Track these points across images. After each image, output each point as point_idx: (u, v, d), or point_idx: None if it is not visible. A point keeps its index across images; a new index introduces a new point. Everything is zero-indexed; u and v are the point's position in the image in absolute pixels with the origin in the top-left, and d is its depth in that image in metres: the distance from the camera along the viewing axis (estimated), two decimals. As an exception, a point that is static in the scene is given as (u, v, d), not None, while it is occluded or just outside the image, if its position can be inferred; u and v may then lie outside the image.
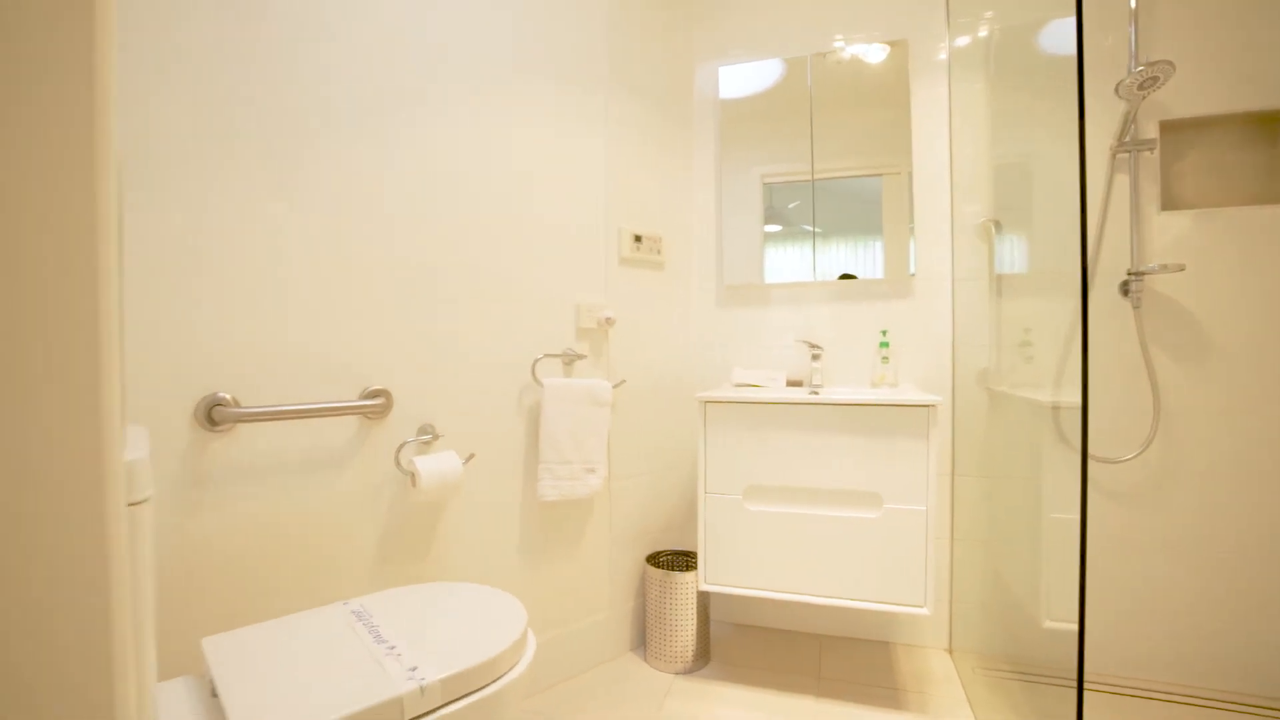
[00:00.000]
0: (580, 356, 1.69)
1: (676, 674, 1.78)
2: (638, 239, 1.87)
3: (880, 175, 1.94)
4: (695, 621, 1.79)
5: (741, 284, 2.06)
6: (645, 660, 1.85)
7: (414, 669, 0.86)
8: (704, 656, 1.84)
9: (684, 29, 2.08)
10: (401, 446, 1.34)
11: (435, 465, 1.31)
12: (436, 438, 1.39)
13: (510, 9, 1.56)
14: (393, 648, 0.92)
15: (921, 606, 1.51)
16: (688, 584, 1.78)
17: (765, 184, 2.05)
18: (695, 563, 1.92)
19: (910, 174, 1.90)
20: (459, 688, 0.87)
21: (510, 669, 0.95)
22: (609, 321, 1.73)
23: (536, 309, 1.63)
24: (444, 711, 0.85)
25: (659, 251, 1.94)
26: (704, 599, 1.82)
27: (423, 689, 0.82)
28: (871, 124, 1.93)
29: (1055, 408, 1.36)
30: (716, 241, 2.10)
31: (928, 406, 1.48)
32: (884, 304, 1.93)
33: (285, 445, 1.20)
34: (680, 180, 2.07)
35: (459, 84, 1.46)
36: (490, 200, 1.53)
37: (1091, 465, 1.74)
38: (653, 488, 1.97)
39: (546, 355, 1.63)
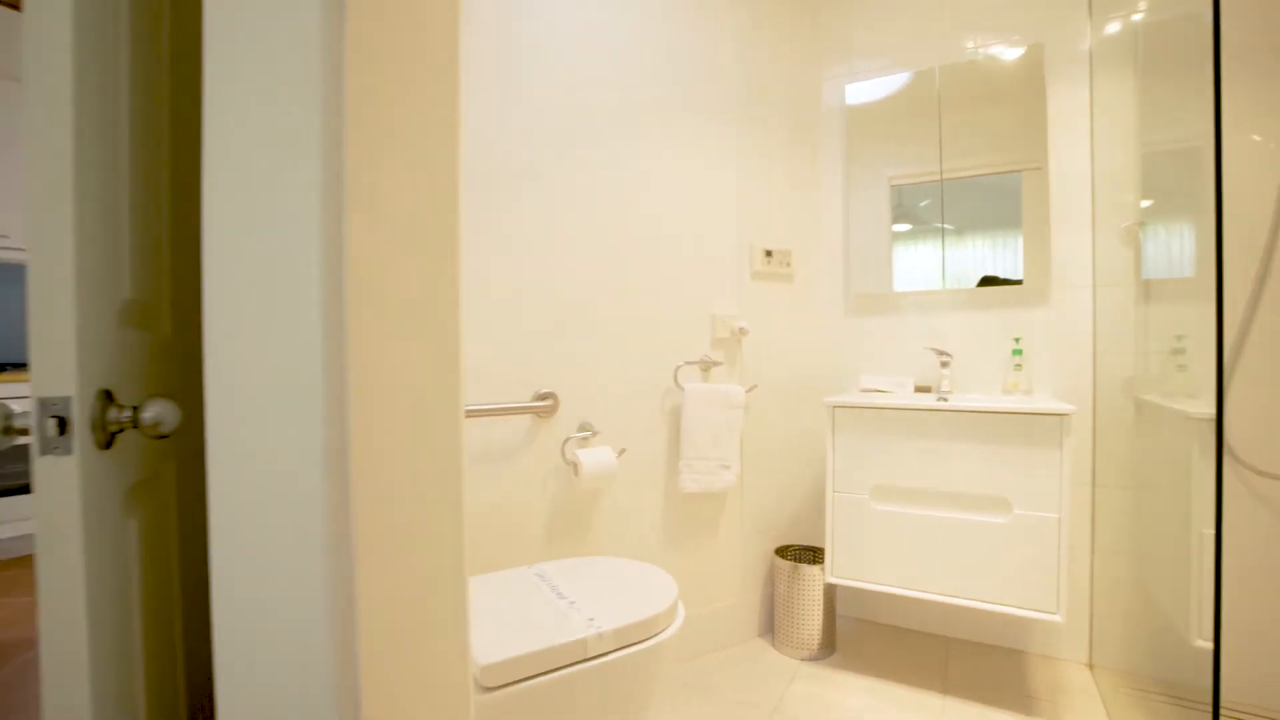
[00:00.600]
0: (716, 363, 1.87)
1: (803, 660, 1.91)
2: (768, 254, 2.01)
3: (1019, 171, 1.92)
4: (821, 612, 1.91)
5: (869, 293, 2.13)
6: (773, 645, 1.99)
7: (592, 619, 1.08)
8: (829, 646, 1.94)
9: (810, 50, 2.18)
10: (566, 441, 1.60)
11: (594, 458, 1.55)
12: (594, 434, 1.64)
13: (654, 54, 1.77)
14: (572, 603, 1.15)
15: (1054, 613, 1.52)
16: (815, 576, 1.90)
17: (893, 186, 2.09)
18: (822, 557, 2.03)
19: (1047, 175, 1.87)
20: (627, 637, 1.08)
21: (665, 628, 1.15)
22: (742, 331, 1.89)
23: (677, 321, 1.83)
24: (616, 655, 1.06)
25: (789, 264, 2.07)
26: (830, 591, 1.93)
27: (600, 635, 1.04)
28: (1004, 121, 1.92)
29: (1212, 419, 1.33)
30: (844, 251, 2.18)
31: (1061, 415, 1.49)
32: (1018, 311, 1.91)
33: (476, 439, 1.49)
34: (809, 194, 2.17)
35: (609, 126, 1.69)
36: (636, 227, 1.75)
37: (1266, 484, 1.63)
38: (781, 485, 2.10)
39: (686, 362, 1.83)
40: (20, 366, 3.14)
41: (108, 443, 0.65)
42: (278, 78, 0.48)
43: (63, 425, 0.59)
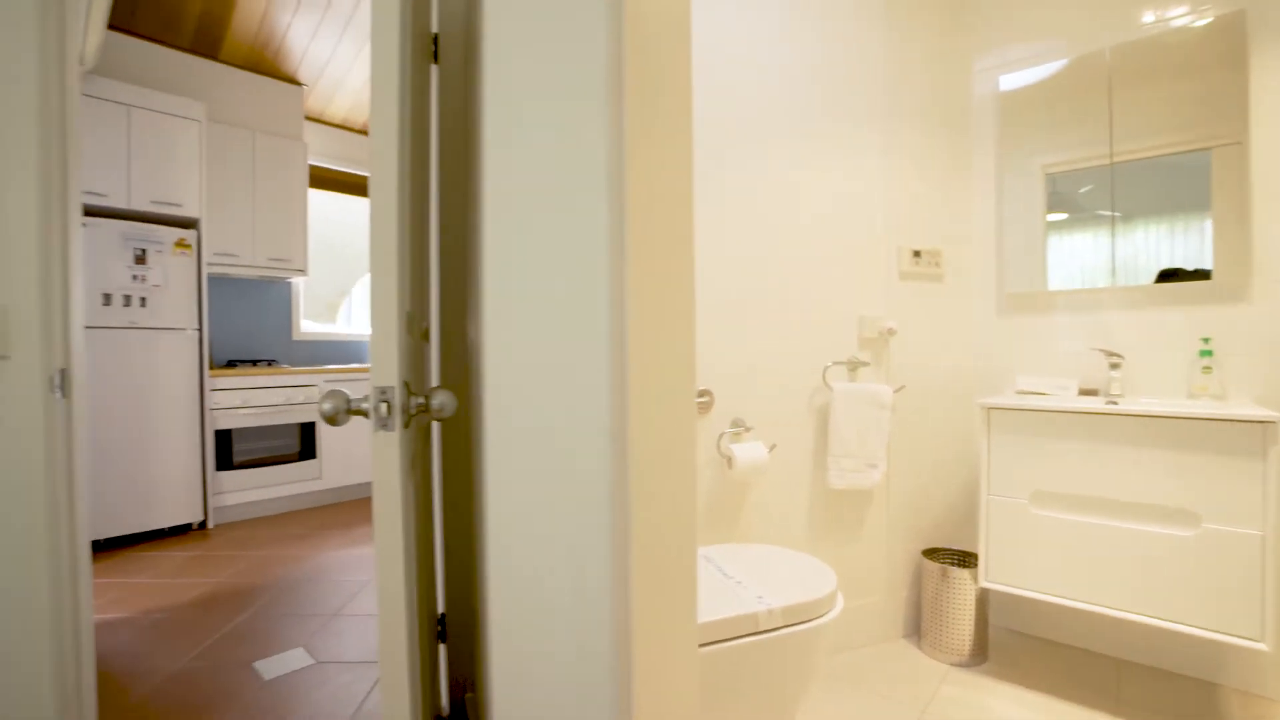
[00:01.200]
0: (864, 364, 1.89)
1: (952, 665, 1.88)
2: (916, 254, 1.99)
3: (1208, 149, 1.75)
4: (973, 618, 1.86)
5: (1025, 291, 2.03)
6: (919, 648, 1.97)
7: (760, 597, 1.18)
8: (981, 653, 1.90)
9: (959, 44, 2.12)
10: (720, 436, 1.70)
11: (747, 452, 1.64)
12: (747, 430, 1.73)
13: (799, 60, 1.83)
14: (739, 583, 1.26)
15: (1258, 640, 1.39)
16: (965, 580, 1.86)
17: (1048, 174, 1.99)
18: (972, 561, 1.98)
19: (1248, 151, 1.69)
20: (793, 616, 1.16)
21: (826, 613, 1.22)
22: (890, 332, 1.90)
23: (825, 322, 1.88)
24: (782, 632, 1.15)
25: (938, 264, 2.03)
26: (983, 597, 1.88)
27: (770, 611, 1.14)
28: (1189, 96, 1.75)
29: None
30: (996, 248, 2.10)
31: (1266, 423, 1.36)
32: (1208, 308, 1.75)
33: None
34: (958, 191, 2.12)
35: (755, 133, 1.78)
36: (784, 231, 1.82)
37: None
38: (928, 486, 2.07)
39: (834, 362, 1.87)
40: (249, 363, 3.80)
41: (407, 423, 0.84)
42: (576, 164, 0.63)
43: (388, 408, 0.78)
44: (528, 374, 0.69)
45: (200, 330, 3.28)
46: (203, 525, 3.32)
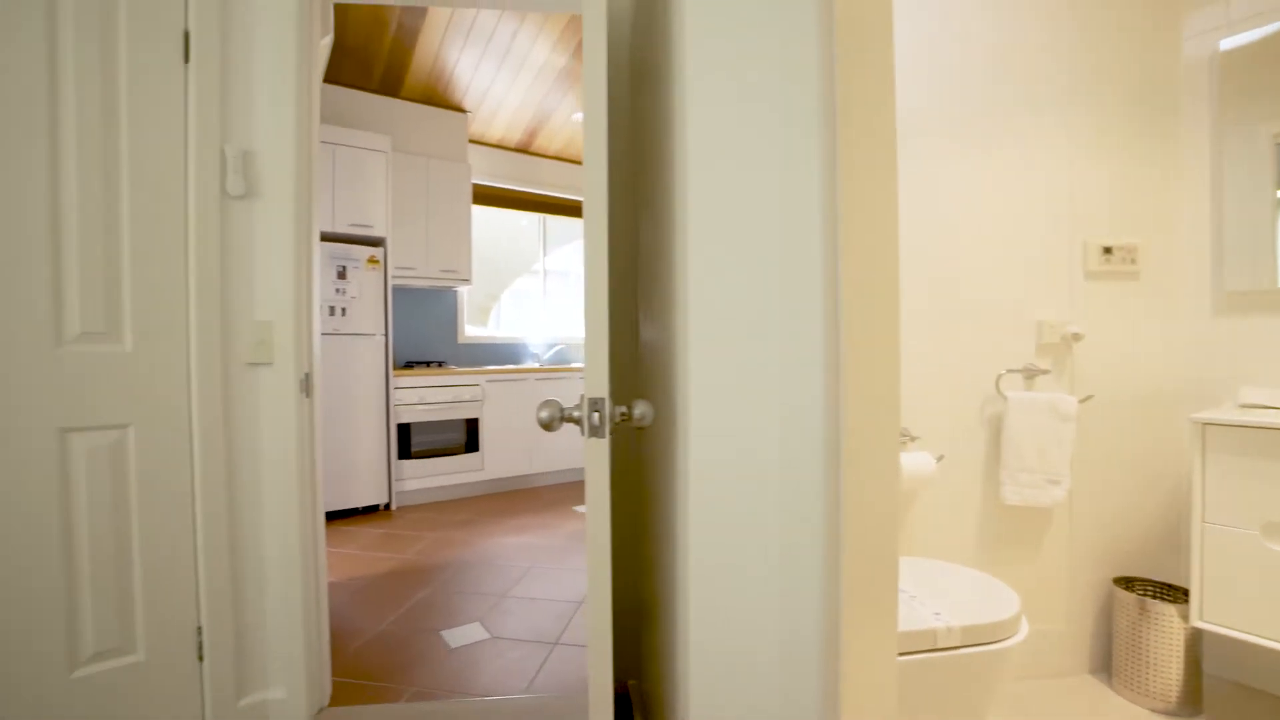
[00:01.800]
0: (1043, 371, 1.75)
1: (1154, 711, 1.68)
2: (1107, 250, 1.80)
3: None
4: (1182, 661, 1.65)
5: (1248, 289, 1.76)
6: (1110, 686, 1.78)
7: (937, 614, 1.15)
8: (1192, 703, 1.68)
9: (1166, 6, 1.88)
10: (882, 445, 1.66)
11: (913, 462, 1.59)
12: (912, 439, 1.68)
13: (974, 49, 1.73)
14: (913, 596, 1.23)
15: None
16: (1170, 616, 1.65)
17: (1278, 144, 1.70)
18: (1177, 595, 1.76)
19: None
20: (973, 637, 1.12)
21: (1009, 637, 1.16)
22: (1075, 337, 1.74)
23: (998, 327, 1.77)
24: (962, 651, 1.12)
25: (1133, 260, 1.82)
26: (1194, 638, 1.66)
27: (949, 629, 1.11)
28: None
29: None
30: (1212, 239, 1.83)
31: None
32: None
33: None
34: (1158, 177, 1.88)
35: (923, 130, 1.71)
36: (957, 230, 1.73)
37: None
38: (1122, 508, 1.86)
39: (1009, 370, 1.75)
40: (423, 364, 4.27)
41: (611, 431, 0.93)
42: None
43: (599, 418, 0.88)
44: (736, 383, 0.74)
45: (386, 335, 3.74)
46: (387, 507, 3.79)
